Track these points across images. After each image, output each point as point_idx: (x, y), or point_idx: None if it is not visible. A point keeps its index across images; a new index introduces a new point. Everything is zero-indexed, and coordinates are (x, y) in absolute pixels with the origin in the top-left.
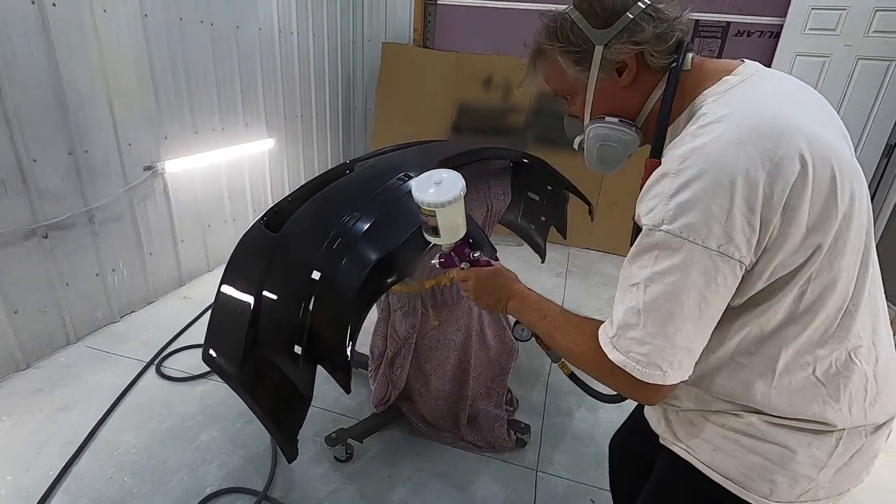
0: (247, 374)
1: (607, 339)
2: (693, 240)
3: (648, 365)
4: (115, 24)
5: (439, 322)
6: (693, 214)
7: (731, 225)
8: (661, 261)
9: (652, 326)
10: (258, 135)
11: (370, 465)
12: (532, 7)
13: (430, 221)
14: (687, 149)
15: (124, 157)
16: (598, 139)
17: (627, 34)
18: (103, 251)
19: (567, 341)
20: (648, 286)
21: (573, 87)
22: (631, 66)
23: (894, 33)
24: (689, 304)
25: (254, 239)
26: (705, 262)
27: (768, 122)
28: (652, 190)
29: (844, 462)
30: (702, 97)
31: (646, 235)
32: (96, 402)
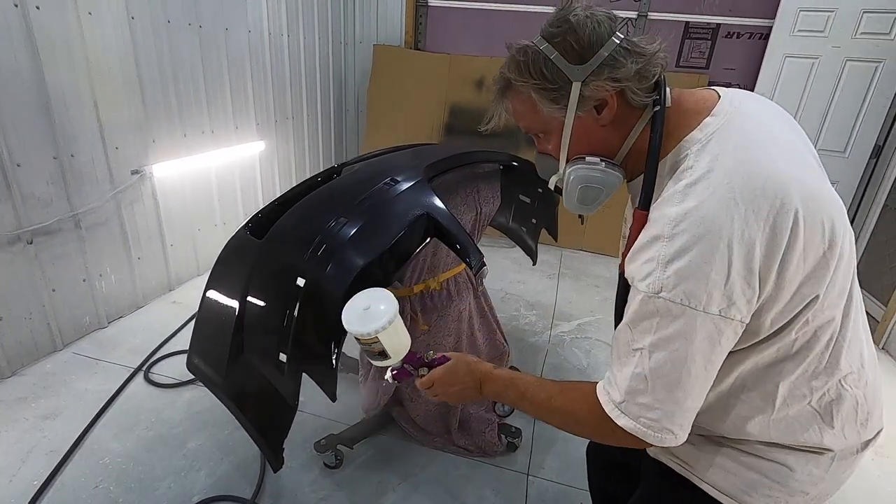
0: (231, 382)
1: (613, 405)
2: (694, 307)
3: (660, 430)
4: (100, 27)
5: (429, 327)
6: (692, 281)
7: (731, 288)
8: (663, 328)
9: (661, 392)
10: (248, 137)
11: (360, 471)
12: (523, 9)
13: (375, 348)
14: (679, 211)
15: (111, 161)
16: (581, 181)
17: (608, 70)
18: (90, 256)
19: (560, 411)
20: (653, 353)
21: (547, 125)
22: (611, 104)
23: (881, 35)
24: (695, 369)
25: (238, 246)
26: (708, 326)
27: (757, 177)
28: (645, 253)
29: (837, 477)
30: (685, 143)
31: (645, 302)
32: (82, 409)
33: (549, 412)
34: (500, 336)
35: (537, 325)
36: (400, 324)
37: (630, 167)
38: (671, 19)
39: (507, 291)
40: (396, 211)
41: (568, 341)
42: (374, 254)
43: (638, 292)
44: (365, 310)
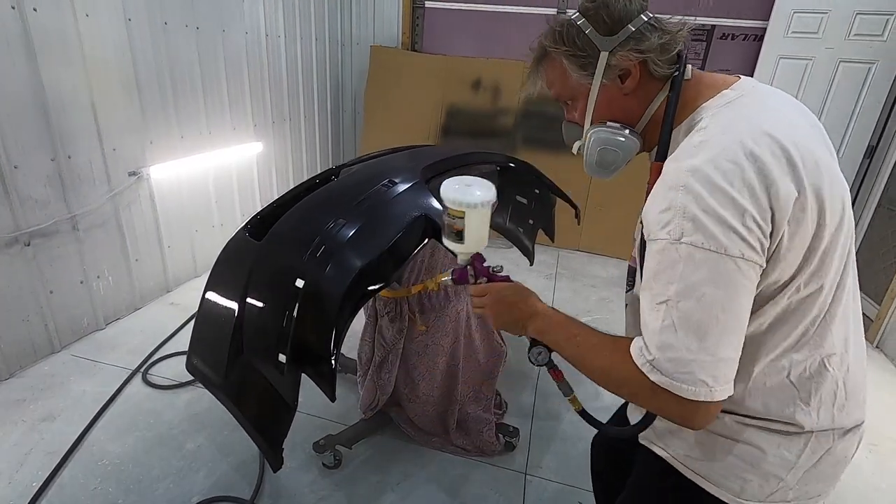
0: (231, 382)
1: (645, 360)
2: (717, 250)
3: (694, 382)
4: (97, 29)
5: (427, 327)
6: (711, 225)
7: (748, 231)
8: (687, 275)
9: (692, 342)
10: (246, 139)
11: (359, 471)
12: (519, 10)
13: (456, 225)
14: (694, 162)
15: (108, 162)
16: (600, 143)
17: (633, 42)
18: (88, 258)
19: (602, 362)
20: (679, 302)
21: (575, 91)
22: (634, 74)
23: (874, 36)
24: (724, 315)
25: (237, 247)
26: (731, 270)
27: (769, 136)
28: (662, 202)
29: (813, 464)
30: (701, 109)
31: (665, 250)
32: (81, 411)
33: (593, 365)
34: (498, 336)
35: None
36: (487, 219)
37: (650, 136)
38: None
39: None
40: (394, 212)
41: None
42: (373, 255)
43: (657, 242)
44: (467, 185)
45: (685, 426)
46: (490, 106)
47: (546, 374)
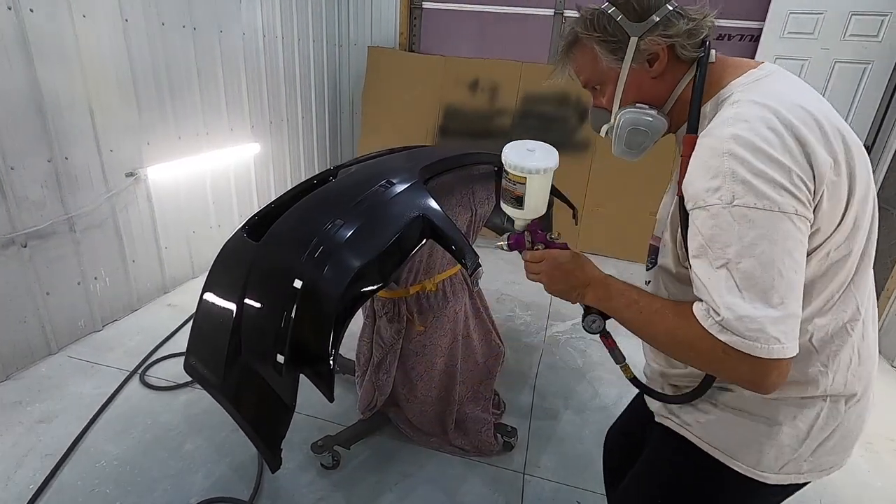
0: (229, 383)
1: (713, 322)
2: (770, 208)
3: (767, 340)
4: (94, 30)
5: (425, 328)
6: (761, 185)
7: (797, 188)
8: (743, 235)
9: (757, 300)
10: (243, 139)
11: (357, 471)
12: (516, 11)
13: (517, 190)
14: (733, 130)
15: (105, 163)
16: (630, 124)
17: (661, 28)
18: (85, 259)
19: (667, 326)
20: (739, 263)
21: (605, 76)
22: (661, 58)
23: (869, 37)
24: (786, 270)
25: (235, 248)
26: (787, 226)
27: (801, 107)
28: (707, 171)
29: (826, 437)
30: (729, 87)
31: (719, 215)
32: (78, 413)
33: (657, 329)
34: (496, 336)
35: (532, 326)
36: (548, 186)
37: (676, 117)
38: None
39: (503, 292)
40: (393, 213)
41: (563, 341)
42: (371, 255)
43: (706, 210)
44: (529, 151)
45: (756, 389)
46: (488, 106)
47: (544, 375)
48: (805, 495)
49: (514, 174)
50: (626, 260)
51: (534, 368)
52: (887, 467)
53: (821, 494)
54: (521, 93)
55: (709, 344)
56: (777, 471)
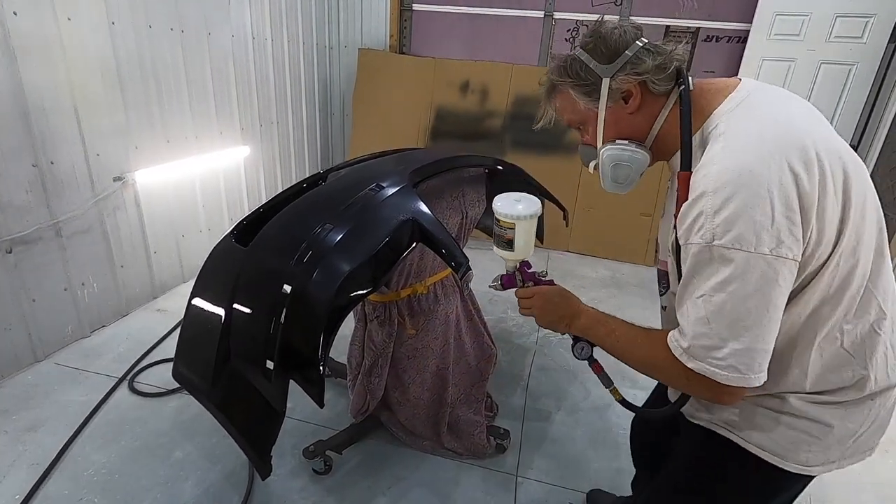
0: (218, 390)
1: (681, 349)
2: (746, 249)
3: (727, 368)
4: (80, 33)
5: (416, 331)
6: (740, 226)
7: (777, 229)
8: (719, 273)
9: (723, 332)
10: (233, 142)
11: (350, 476)
12: (506, 13)
13: (507, 234)
14: (720, 168)
15: (92, 168)
16: (612, 160)
17: (630, 66)
18: (72, 265)
19: (642, 354)
20: (712, 297)
21: (585, 116)
22: (635, 94)
23: (853, 38)
24: (753, 307)
25: (223, 253)
26: (762, 266)
27: (785, 131)
28: (694, 210)
29: (866, 429)
30: (713, 117)
31: (700, 253)
32: (65, 421)
33: (633, 356)
34: (488, 338)
35: (524, 327)
36: (533, 231)
37: (663, 147)
38: (652, 23)
39: (495, 294)
40: (382, 216)
41: (555, 342)
42: (361, 259)
43: (691, 246)
44: (516, 201)
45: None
46: (478, 108)
47: (535, 376)
48: None
49: (504, 221)
50: (617, 260)
51: (526, 370)
52: (877, 464)
53: (810, 492)
54: (512, 95)
55: (676, 369)
56: (822, 464)
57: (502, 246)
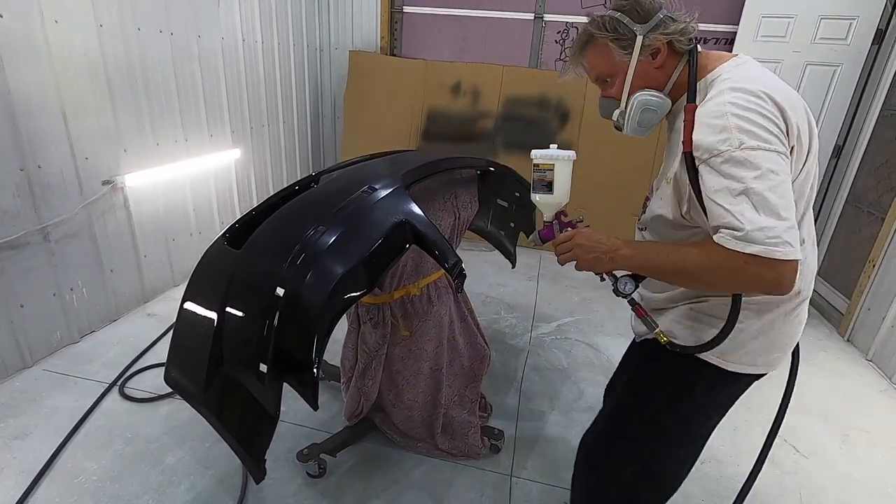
0: (211, 394)
1: (735, 240)
2: (769, 149)
3: (783, 244)
4: (67, 35)
5: (410, 333)
6: (760, 133)
7: (782, 136)
8: (755, 168)
9: (770, 217)
10: (223, 145)
11: (344, 479)
12: (497, 15)
13: (547, 176)
14: (731, 97)
15: (81, 171)
16: (644, 104)
17: (661, 27)
18: (60, 270)
19: (695, 260)
20: (755, 186)
21: (616, 69)
22: (662, 51)
23: (838, 40)
24: (785, 192)
25: (215, 256)
26: (781, 161)
27: (777, 86)
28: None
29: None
30: (717, 70)
31: (732, 158)
32: (55, 427)
33: (687, 267)
34: (481, 339)
35: (518, 328)
36: (570, 174)
37: (672, 99)
38: None
39: (488, 294)
40: (375, 218)
41: (548, 342)
42: (354, 261)
43: (721, 155)
44: (550, 146)
45: (776, 291)
46: (470, 110)
47: (529, 376)
48: (785, 488)
49: (543, 164)
50: None
51: (519, 370)
52: (864, 459)
53: (801, 486)
54: (503, 96)
55: (734, 261)
56: (736, 361)
57: (542, 190)
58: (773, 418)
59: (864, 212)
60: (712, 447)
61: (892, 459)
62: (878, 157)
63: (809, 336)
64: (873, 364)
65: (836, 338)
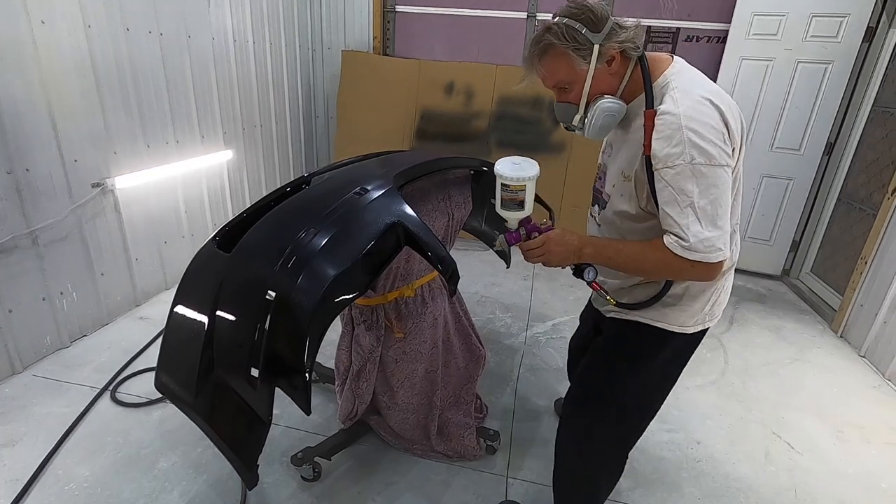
0: (202, 400)
1: (682, 248)
2: (715, 164)
3: (717, 251)
4: (55, 36)
5: (404, 334)
6: (708, 148)
7: (726, 151)
8: (702, 183)
9: (710, 227)
10: (215, 147)
11: (339, 482)
12: (490, 15)
13: (519, 196)
14: (683, 110)
15: (70, 174)
16: (605, 112)
17: (614, 35)
18: (50, 274)
19: (652, 259)
20: (699, 202)
21: (575, 77)
22: (616, 59)
23: (829, 37)
24: (723, 202)
25: (205, 259)
26: (724, 175)
27: (715, 90)
28: (671, 140)
29: (718, 296)
30: (663, 76)
31: (683, 171)
32: (45, 434)
33: (643, 264)
34: (476, 340)
35: (513, 327)
36: (534, 187)
37: (625, 100)
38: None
39: (483, 294)
40: (367, 220)
41: (543, 342)
42: (346, 264)
43: (674, 168)
44: (516, 164)
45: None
46: (463, 109)
47: (524, 376)
48: (780, 485)
49: (515, 185)
50: None
51: (515, 370)
52: (857, 454)
53: (795, 484)
54: (497, 96)
55: (680, 263)
56: (690, 325)
57: (513, 208)
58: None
59: (855, 209)
60: (708, 446)
61: (886, 455)
62: (870, 154)
63: (803, 332)
64: (866, 360)
65: (829, 334)
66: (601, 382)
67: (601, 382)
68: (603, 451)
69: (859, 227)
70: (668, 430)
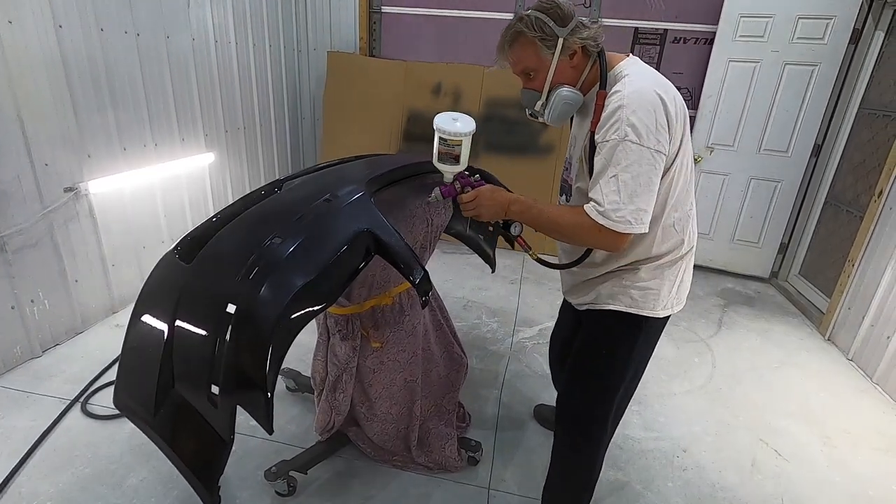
0: (162, 418)
1: (597, 213)
2: (642, 143)
3: (624, 222)
4: (23, 37)
5: (381, 344)
6: (640, 129)
7: (660, 133)
8: (626, 159)
9: (625, 200)
10: (196, 149)
11: (315, 497)
12: (476, 15)
13: (454, 151)
14: (628, 91)
15: (40, 178)
16: (563, 99)
17: (578, 32)
18: (19, 281)
19: (568, 221)
20: (621, 175)
21: (540, 65)
22: (578, 53)
23: (815, 39)
24: (645, 182)
25: (165, 271)
26: (650, 158)
27: (662, 82)
28: (612, 118)
29: (682, 281)
30: (619, 67)
31: (615, 146)
32: (10, 449)
33: (559, 225)
34: (458, 347)
35: (499, 332)
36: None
37: (583, 91)
38: (621, 25)
39: (469, 299)
40: (336, 227)
41: (529, 347)
42: (312, 273)
43: (609, 142)
44: (455, 119)
45: (611, 251)
46: (451, 110)
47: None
48: (767, 493)
49: (452, 139)
50: None
51: (500, 377)
52: (845, 461)
53: (783, 492)
54: (484, 97)
55: (590, 226)
56: (660, 308)
57: (450, 162)
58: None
59: (843, 211)
60: (694, 454)
61: (874, 461)
62: (857, 156)
63: (791, 336)
64: (854, 364)
65: (817, 337)
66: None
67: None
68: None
69: (847, 229)
70: (654, 437)
